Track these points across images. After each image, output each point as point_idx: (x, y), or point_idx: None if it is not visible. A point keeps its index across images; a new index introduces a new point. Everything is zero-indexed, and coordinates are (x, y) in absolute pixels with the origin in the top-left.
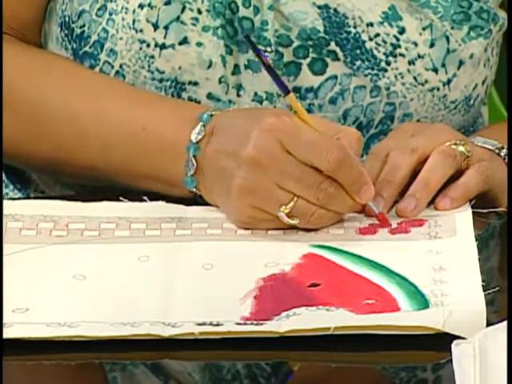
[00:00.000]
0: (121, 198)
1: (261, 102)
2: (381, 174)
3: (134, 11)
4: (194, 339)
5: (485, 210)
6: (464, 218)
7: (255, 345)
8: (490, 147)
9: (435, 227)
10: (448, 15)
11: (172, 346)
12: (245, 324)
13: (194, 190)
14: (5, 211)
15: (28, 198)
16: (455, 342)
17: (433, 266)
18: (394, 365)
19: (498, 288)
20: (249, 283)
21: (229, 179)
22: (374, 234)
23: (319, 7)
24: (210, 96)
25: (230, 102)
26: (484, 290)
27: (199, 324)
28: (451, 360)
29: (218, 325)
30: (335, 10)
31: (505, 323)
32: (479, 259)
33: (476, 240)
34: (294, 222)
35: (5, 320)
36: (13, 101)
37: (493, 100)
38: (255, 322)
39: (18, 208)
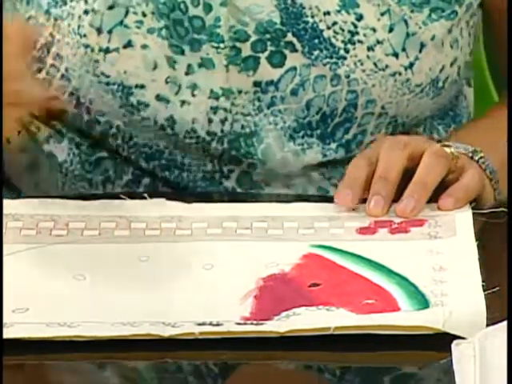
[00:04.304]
0: (121, 196)
1: (217, 99)
2: (376, 171)
3: (79, 17)
4: (194, 339)
5: (485, 210)
6: (464, 218)
7: (255, 345)
8: (463, 151)
9: (435, 227)
10: None
11: (172, 346)
12: (245, 324)
13: None
14: (5, 211)
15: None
16: (455, 341)
17: (433, 266)
18: (394, 365)
19: (497, 288)
20: (249, 283)
21: None
22: (373, 234)
23: None
24: (158, 98)
25: (183, 102)
26: (484, 290)
27: (199, 324)
28: (451, 360)
29: (218, 325)
30: (292, 0)
31: (505, 323)
32: (479, 259)
33: (476, 240)
34: None
35: (5, 320)
36: None
37: (487, 87)
38: (255, 322)
39: (18, 207)
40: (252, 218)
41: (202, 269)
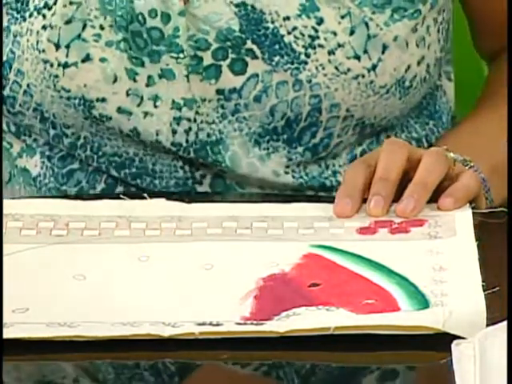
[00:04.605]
0: (121, 196)
1: (180, 109)
2: (376, 172)
3: (37, 32)
4: (194, 339)
5: (485, 210)
6: (464, 218)
7: (255, 345)
8: None
9: (435, 227)
10: (367, 1)
11: (172, 345)
12: (245, 324)
13: None
14: (5, 211)
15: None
16: (455, 341)
17: (433, 266)
18: (394, 365)
19: (497, 288)
20: (249, 283)
21: None
22: (373, 234)
23: (236, 5)
24: (120, 110)
25: (146, 114)
26: (484, 290)
27: (199, 324)
28: (451, 360)
29: (218, 325)
30: (252, 6)
31: (505, 323)
32: (479, 259)
33: (476, 240)
34: None
35: (5, 320)
36: None
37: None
38: (255, 322)
39: (18, 207)
40: (252, 218)
41: (202, 269)
